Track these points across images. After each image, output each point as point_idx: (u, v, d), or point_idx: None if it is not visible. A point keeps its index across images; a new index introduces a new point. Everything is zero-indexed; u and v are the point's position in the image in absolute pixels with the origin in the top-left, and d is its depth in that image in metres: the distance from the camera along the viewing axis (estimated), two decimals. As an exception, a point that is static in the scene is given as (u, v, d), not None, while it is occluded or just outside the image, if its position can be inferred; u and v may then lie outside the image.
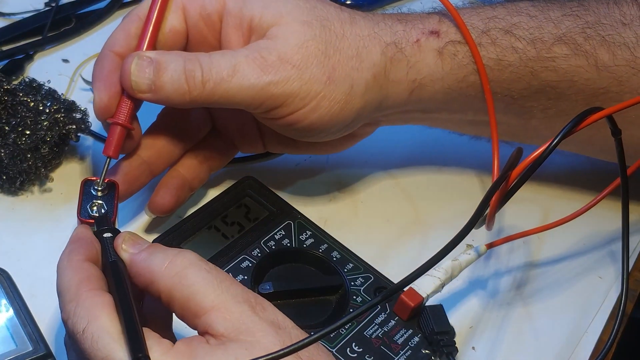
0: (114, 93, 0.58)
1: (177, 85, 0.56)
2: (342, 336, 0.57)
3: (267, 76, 0.57)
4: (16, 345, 0.54)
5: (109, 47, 0.60)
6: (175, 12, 0.60)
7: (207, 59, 0.57)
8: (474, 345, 0.61)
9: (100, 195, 0.58)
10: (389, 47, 0.60)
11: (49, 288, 0.60)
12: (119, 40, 0.60)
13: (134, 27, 0.60)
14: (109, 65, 0.59)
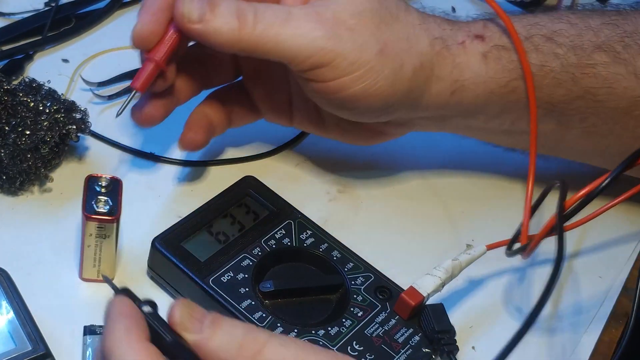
0: (158, 24, 0.58)
1: (228, 19, 0.56)
2: (342, 335, 0.57)
3: (320, 30, 0.56)
4: (15, 345, 0.54)
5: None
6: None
7: (262, 5, 0.57)
8: (474, 345, 0.61)
9: (105, 192, 0.58)
10: (437, 40, 0.61)
11: (48, 288, 0.60)
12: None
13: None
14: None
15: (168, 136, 0.72)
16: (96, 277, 0.61)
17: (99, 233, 0.58)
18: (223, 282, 0.58)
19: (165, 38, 0.59)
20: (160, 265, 0.60)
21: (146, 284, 0.62)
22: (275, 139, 0.73)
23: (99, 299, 0.60)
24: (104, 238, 0.58)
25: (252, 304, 0.57)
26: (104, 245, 0.59)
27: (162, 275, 0.61)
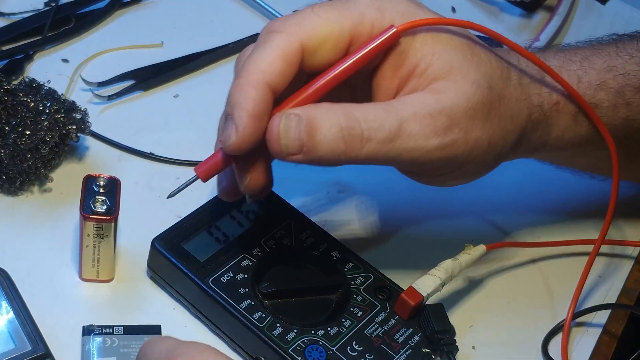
0: (258, 134, 0.50)
1: (333, 145, 0.50)
2: (342, 335, 0.57)
3: (435, 139, 0.51)
4: (15, 345, 0.54)
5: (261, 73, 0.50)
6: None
7: (366, 114, 0.50)
8: (474, 345, 0.61)
9: (103, 192, 0.58)
10: (535, 109, 0.57)
11: (48, 288, 0.60)
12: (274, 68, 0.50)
13: (292, 52, 0.51)
14: (261, 98, 0.50)
15: (168, 136, 0.72)
16: (95, 277, 0.61)
17: (97, 233, 0.58)
18: (223, 282, 0.58)
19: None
20: (160, 266, 0.60)
21: (146, 285, 0.62)
22: (275, 139, 0.73)
23: (99, 299, 0.60)
24: (102, 238, 0.58)
25: (252, 304, 0.57)
26: (103, 246, 0.59)
27: (162, 275, 0.61)
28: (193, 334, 0.59)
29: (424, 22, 0.53)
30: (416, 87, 0.52)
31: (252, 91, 0.49)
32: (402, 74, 0.53)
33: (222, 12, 0.84)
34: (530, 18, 0.90)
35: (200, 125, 0.74)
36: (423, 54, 0.52)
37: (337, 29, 0.51)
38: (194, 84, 0.77)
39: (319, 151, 0.50)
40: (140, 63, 0.76)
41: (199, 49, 0.79)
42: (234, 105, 0.50)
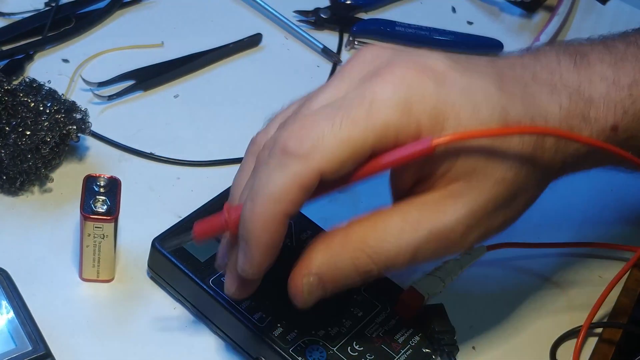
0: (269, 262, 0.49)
1: (349, 283, 0.50)
2: (342, 335, 0.57)
3: (451, 253, 0.50)
4: (15, 345, 0.54)
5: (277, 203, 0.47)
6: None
7: (379, 249, 0.48)
8: (474, 345, 0.61)
9: (103, 192, 0.58)
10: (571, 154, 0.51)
11: (48, 288, 0.60)
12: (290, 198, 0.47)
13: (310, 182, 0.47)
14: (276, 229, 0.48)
15: (168, 136, 0.72)
16: (96, 277, 0.61)
17: (98, 233, 0.58)
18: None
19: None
20: (161, 266, 0.60)
21: (146, 284, 0.62)
22: (275, 139, 0.73)
23: (99, 299, 0.60)
24: (103, 238, 0.58)
25: (252, 304, 0.57)
26: (103, 246, 0.59)
27: (162, 275, 0.61)
28: (193, 334, 0.59)
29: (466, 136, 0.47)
30: (432, 185, 0.49)
31: (268, 224, 0.47)
32: (421, 174, 0.49)
33: (222, 12, 0.84)
34: (531, 18, 0.91)
35: (200, 125, 0.74)
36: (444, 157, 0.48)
37: (359, 149, 0.46)
38: (194, 84, 0.77)
39: (336, 289, 0.50)
40: (140, 63, 0.76)
41: (199, 49, 0.79)
42: (250, 235, 0.47)
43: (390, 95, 0.46)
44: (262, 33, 0.82)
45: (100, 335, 0.58)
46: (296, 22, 0.84)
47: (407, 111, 0.46)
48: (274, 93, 0.78)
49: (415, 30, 0.85)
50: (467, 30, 0.87)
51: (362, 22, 0.85)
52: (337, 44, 0.84)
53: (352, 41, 0.83)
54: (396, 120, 0.46)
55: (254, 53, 0.81)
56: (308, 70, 0.81)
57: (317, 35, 0.83)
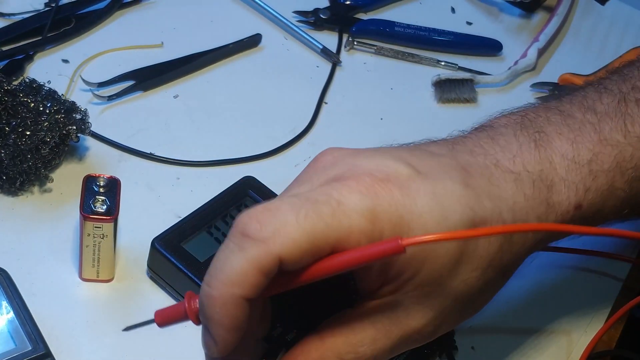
0: (235, 343, 0.46)
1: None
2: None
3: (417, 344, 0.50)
4: (15, 345, 0.54)
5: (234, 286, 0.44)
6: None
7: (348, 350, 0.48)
8: (474, 345, 0.61)
9: (103, 192, 0.58)
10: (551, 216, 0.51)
11: (48, 288, 0.60)
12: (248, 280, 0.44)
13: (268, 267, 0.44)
14: (235, 312, 0.45)
15: (168, 136, 0.72)
16: (95, 277, 0.61)
17: (97, 233, 0.58)
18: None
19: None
20: (160, 266, 0.61)
21: (146, 284, 0.62)
22: (275, 139, 0.74)
23: (99, 299, 0.60)
24: (102, 238, 0.58)
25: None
26: (103, 245, 0.59)
27: (162, 275, 0.61)
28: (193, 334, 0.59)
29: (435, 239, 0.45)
30: (400, 287, 0.47)
31: (226, 308, 0.45)
32: (387, 277, 0.48)
33: (222, 12, 0.84)
34: (530, 18, 0.91)
35: (200, 125, 0.74)
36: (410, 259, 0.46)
37: (321, 244, 0.45)
38: (194, 84, 0.77)
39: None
40: (140, 63, 0.76)
41: (199, 49, 0.79)
42: (210, 320, 0.46)
43: (357, 202, 0.45)
44: (262, 33, 0.82)
45: (100, 334, 0.58)
46: (296, 23, 0.84)
47: (372, 219, 0.45)
48: (274, 93, 0.78)
49: (415, 30, 0.85)
50: (467, 31, 0.87)
51: (362, 23, 0.85)
52: (336, 44, 0.84)
53: (352, 41, 0.83)
54: (362, 226, 0.45)
55: (254, 53, 0.81)
56: (307, 71, 0.81)
57: (317, 36, 0.83)
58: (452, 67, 0.83)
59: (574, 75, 0.82)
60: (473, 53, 0.86)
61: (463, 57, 0.85)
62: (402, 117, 0.78)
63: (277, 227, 0.44)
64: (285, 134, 0.74)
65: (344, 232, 0.45)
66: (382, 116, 0.78)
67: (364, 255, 0.45)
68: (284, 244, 0.44)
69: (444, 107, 0.80)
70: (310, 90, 0.79)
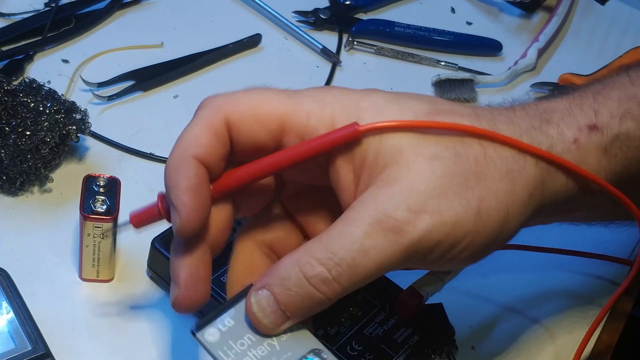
0: (199, 210, 0.47)
1: (309, 299, 0.46)
2: (342, 335, 0.57)
3: (404, 238, 0.45)
4: (15, 345, 0.54)
5: (188, 148, 0.47)
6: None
7: (325, 252, 0.45)
8: (474, 345, 0.61)
9: (103, 192, 0.58)
10: (542, 162, 0.49)
11: (48, 288, 0.60)
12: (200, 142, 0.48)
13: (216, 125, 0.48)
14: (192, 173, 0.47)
15: (168, 136, 0.72)
16: (95, 277, 0.61)
17: (97, 233, 0.58)
18: (222, 282, 0.58)
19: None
20: (160, 265, 0.60)
21: (146, 284, 0.62)
22: (275, 139, 0.73)
23: (99, 299, 0.60)
24: (102, 238, 0.58)
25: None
26: (103, 245, 0.59)
27: (162, 275, 0.61)
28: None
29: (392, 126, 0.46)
30: (368, 180, 0.47)
31: (181, 167, 0.47)
32: (355, 166, 0.47)
33: (222, 12, 0.84)
34: (530, 18, 0.91)
35: (200, 125, 0.74)
36: (370, 142, 0.47)
37: (267, 109, 0.48)
38: (194, 84, 0.77)
39: (303, 310, 0.47)
40: (140, 63, 0.76)
41: (199, 49, 0.79)
42: (170, 188, 0.47)
43: (313, 91, 0.49)
44: (262, 33, 0.82)
45: (100, 335, 0.58)
46: (296, 23, 0.84)
47: (322, 103, 0.48)
48: (274, 93, 0.78)
49: (415, 30, 0.85)
50: (467, 31, 0.87)
51: (362, 23, 0.85)
52: (336, 44, 0.84)
53: (352, 41, 0.83)
54: (309, 105, 0.48)
55: (254, 53, 0.81)
56: (307, 71, 0.81)
57: (317, 36, 0.83)
58: (452, 67, 0.83)
59: (574, 75, 0.82)
60: (473, 53, 0.86)
61: (463, 57, 0.85)
62: (402, 117, 0.78)
63: (227, 96, 0.49)
64: (285, 134, 0.74)
65: (291, 104, 0.48)
66: (382, 116, 0.78)
67: (321, 143, 0.47)
68: (229, 106, 0.48)
69: (444, 107, 0.80)
70: (310, 90, 0.79)
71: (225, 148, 0.48)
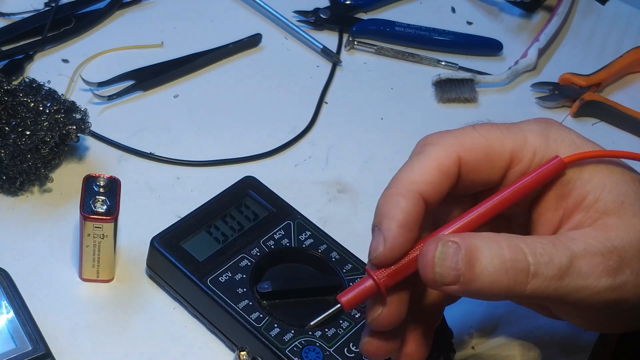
0: (404, 246, 0.46)
1: (494, 279, 0.45)
2: (340, 336, 0.57)
3: (606, 280, 0.46)
4: (16, 345, 0.54)
5: (413, 183, 0.47)
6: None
7: (533, 247, 0.46)
8: (474, 345, 0.61)
9: (103, 192, 0.58)
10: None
11: (48, 288, 0.60)
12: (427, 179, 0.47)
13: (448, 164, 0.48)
14: (411, 209, 0.46)
15: (168, 136, 0.72)
16: (95, 277, 0.61)
17: (97, 233, 0.58)
18: (221, 282, 0.58)
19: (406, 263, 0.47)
20: (159, 265, 0.61)
21: (146, 285, 0.62)
22: (275, 139, 0.74)
23: (99, 299, 0.60)
24: (102, 238, 0.58)
25: (250, 304, 0.57)
26: (103, 245, 0.59)
27: (161, 274, 0.61)
28: (193, 334, 0.59)
29: (592, 155, 0.49)
30: (583, 221, 0.48)
31: (402, 201, 0.46)
32: (567, 206, 0.48)
33: (222, 12, 0.84)
34: (530, 18, 0.91)
35: (200, 125, 0.74)
36: (592, 186, 0.48)
37: (498, 147, 0.48)
38: (194, 84, 0.77)
39: (479, 283, 0.45)
40: (140, 63, 0.76)
41: (199, 49, 0.79)
42: (383, 215, 0.46)
43: (533, 125, 0.50)
44: (262, 33, 0.82)
45: (100, 335, 0.58)
46: (296, 23, 0.84)
47: (545, 137, 0.49)
48: (274, 93, 0.78)
49: (415, 30, 0.85)
50: (467, 31, 0.87)
51: (362, 22, 0.85)
52: (336, 44, 0.84)
53: (352, 41, 0.83)
54: (535, 140, 0.49)
55: (254, 53, 0.81)
56: (308, 70, 0.81)
57: (317, 36, 0.83)
58: (453, 66, 0.83)
59: (574, 75, 0.82)
60: (473, 53, 0.86)
61: (463, 57, 0.85)
62: (402, 117, 0.78)
63: (456, 134, 0.49)
64: (285, 134, 0.74)
65: (519, 140, 0.49)
66: (382, 116, 0.78)
67: (535, 178, 0.48)
68: (462, 144, 0.48)
69: (445, 107, 0.80)
70: (311, 90, 0.79)
71: (451, 186, 0.48)
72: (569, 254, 0.46)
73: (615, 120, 0.81)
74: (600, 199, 0.48)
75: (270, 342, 0.56)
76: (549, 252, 0.46)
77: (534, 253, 0.45)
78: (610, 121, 0.81)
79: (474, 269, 0.45)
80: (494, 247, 0.45)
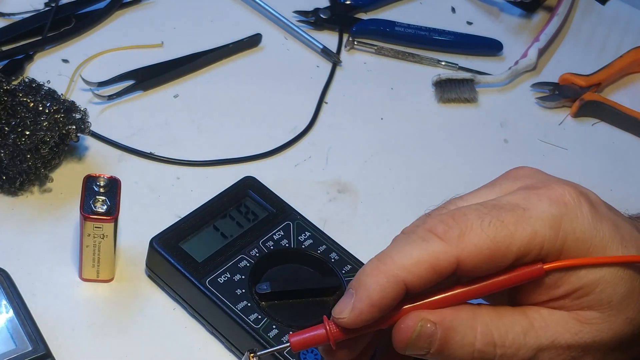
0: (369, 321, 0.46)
1: (463, 354, 0.47)
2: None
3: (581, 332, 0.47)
4: (16, 345, 0.54)
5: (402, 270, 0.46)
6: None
7: (505, 337, 0.47)
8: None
9: (103, 192, 0.58)
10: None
11: (48, 288, 0.60)
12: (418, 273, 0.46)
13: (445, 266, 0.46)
14: (390, 293, 0.46)
15: (168, 136, 0.72)
16: (95, 277, 0.61)
17: (97, 233, 0.58)
18: (220, 282, 0.58)
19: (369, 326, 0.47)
20: (158, 265, 0.61)
21: (146, 285, 0.62)
22: (275, 139, 0.74)
23: (99, 299, 0.60)
24: (102, 238, 0.58)
25: (248, 305, 0.57)
26: (103, 245, 0.59)
27: (160, 275, 0.61)
28: (193, 335, 0.59)
29: (575, 263, 0.47)
30: (564, 305, 0.48)
31: (384, 282, 0.46)
32: (556, 294, 0.48)
33: (222, 12, 0.84)
34: (530, 18, 0.91)
35: (200, 125, 0.74)
36: (586, 282, 0.47)
37: (503, 250, 0.46)
38: (194, 84, 0.77)
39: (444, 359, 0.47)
40: (140, 63, 0.76)
41: (199, 49, 0.79)
42: (361, 285, 0.46)
43: (545, 209, 0.46)
44: (262, 33, 0.82)
45: (100, 335, 0.58)
46: (296, 23, 0.84)
47: (555, 227, 0.46)
48: (274, 93, 0.78)
49: (415, 30, 0.85)
50: (467, 31, 0.87)
51: (362, 22, 0.85)
52: (336, 44, 0.84)
53: (352, 41, 0.83)
54: (545, 233, 0.46)
55: (254, 53, 0.81)
56: (308, 71, 0.81)
57: (317, 36, 0.83)
58: (453, 67, 0.83)
59: (575, 75, 0.82)
60: (473, 53, 0.86)
61: (463, 57, 0.85)
62: (402, 117, 0.78)
63: (462, 230, 0.46)
64: (285, 134, 0.74)
65: (526, 238, 0.46)
66: (382, 116, 0.78)
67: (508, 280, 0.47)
68: (465, 248, 0.46)
69: (445, 107, 0.80)
70: (310, 90, 0.79)
71: (438, 281, 0.47)
72: (536, 346, 0.47)
73: (615, 120, 0.81)
74: (590, 294, 0.47)
75: (269, 343, 0.56)
76: (517, 344, 0.47)
77: (503, 345, 0.46)
78: (610, 121, 0.81)
79: (444, 350, 0.46)
80: (468, 334, 0.46)
